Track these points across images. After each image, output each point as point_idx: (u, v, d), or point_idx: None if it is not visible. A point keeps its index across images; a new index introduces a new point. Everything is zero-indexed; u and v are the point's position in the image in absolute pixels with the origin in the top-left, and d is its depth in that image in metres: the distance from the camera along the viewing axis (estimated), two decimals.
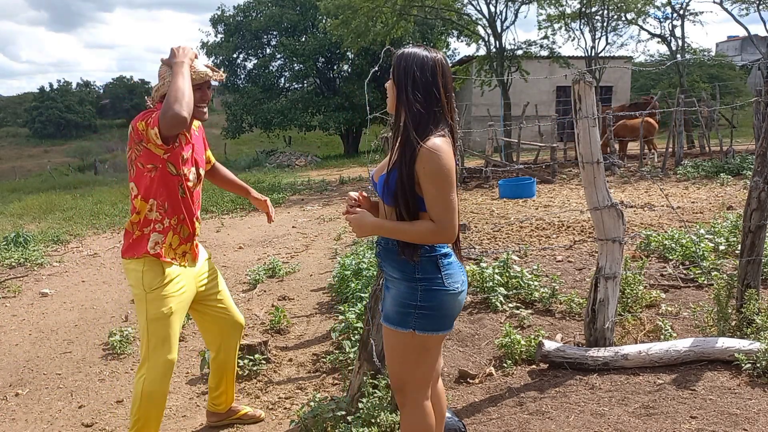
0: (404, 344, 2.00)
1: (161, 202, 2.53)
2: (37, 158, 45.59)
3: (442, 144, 1.86)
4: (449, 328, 2.03)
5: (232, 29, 30.25)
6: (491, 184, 12.41)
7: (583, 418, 2.78)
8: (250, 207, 11.17)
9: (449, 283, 1.96)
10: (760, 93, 10.24)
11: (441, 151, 1.84)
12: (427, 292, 1.94)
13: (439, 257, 1.96)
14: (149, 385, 2.54)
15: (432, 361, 2.06)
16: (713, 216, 7.07)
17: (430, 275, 1.95)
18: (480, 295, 4.52)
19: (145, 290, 2.53)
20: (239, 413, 3.05)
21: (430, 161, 1.83)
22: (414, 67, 1.88)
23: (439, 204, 1.85)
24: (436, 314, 1.96)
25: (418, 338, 1.97)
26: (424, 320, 1.95)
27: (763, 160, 3.34)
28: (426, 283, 1.94)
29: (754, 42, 21.21)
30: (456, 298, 1.98)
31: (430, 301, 1.95)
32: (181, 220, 2.60)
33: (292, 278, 5.86)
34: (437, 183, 1.84)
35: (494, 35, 18.77)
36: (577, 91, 3.24)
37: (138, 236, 2.56)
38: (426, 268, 1.94)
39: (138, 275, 2.54)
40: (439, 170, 1.83)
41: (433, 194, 1.85)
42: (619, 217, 3.28)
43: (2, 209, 12.45)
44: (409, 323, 1.96)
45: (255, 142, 33.98)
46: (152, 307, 2.53)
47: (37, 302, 5.51)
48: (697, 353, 3.21)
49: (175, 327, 2.59)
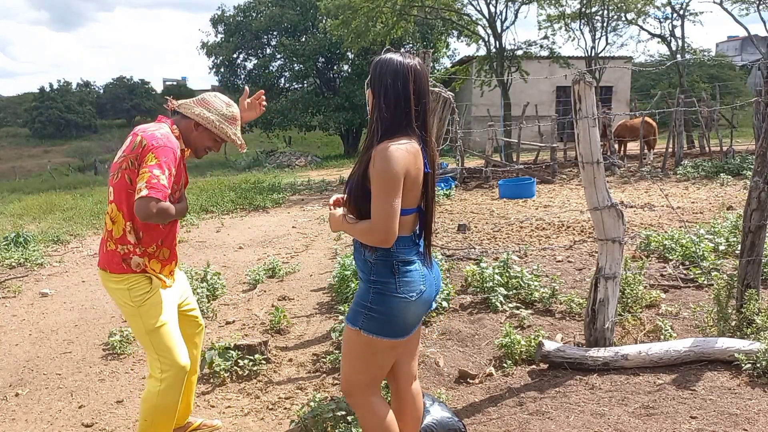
0: (353, 342, 2.04)
1: (138, 227, 2.42)
2: (37, 158, 45.58)
3: (394, 150, 1.87)
4: (400, 336, 2.01)
5: (232, 29, 30.25)
6: (491, 184, 12.41)
7: (583, 418, 2.78)
8: (250, 207, 11.18)
9: (403, 290, 1.96)
10: (760, 93, 10.26)
11: (390, 156, 1.85)
12: (378, 295, 1.96)
13: (396, 262, 1.96)
14: (163, 397, 2.47)
15: (381, 365, 2.07)
16: (713, 216, 7.07)
17: (384, 279, 1.96)
18: (480, 295, 4.52)
19: (135, 305, 2.45)
20: (194, 425, 2.94)
21: (378, 163, 1.86)
22: (386, 75, 1.92)
23: (377, 206, 1.87)
24: (385, 318, 1.97)
25: (364, 338, 1.99)
26: (372, 322, 1.97)
27: (763, 160, 3.34)
28: (379, 286, 1.96)
29: (754, 42, 21.22)
30: (409, 306, 1.97)
31: (379, 305, 1.96)
32: (159, 245, 2.51)
33: (292, 278, 5.86)
34: (378, 185, 1.86)
35: (494, 35, 18.78)
36: (577, 92, 3.24)
37: (112, 250, 2.44)
38: (381, 271, 1.97)
39: (123, 293, 2.45)
40: (384, 173, 1.85)
41: (374, 195, 1.88)
42: (619, 217, 3.28)
43: (2, 209, 12.45)
44: (358, 322, 1.99)
45: (255, 142, 33.98)
46: (147, 318, 2.46)
47: (37, 302, 5.51)
48: (697, 353, 3.21)
49: (176, 332, 2.55)
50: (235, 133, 2.57)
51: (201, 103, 2.53)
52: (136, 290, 2.45)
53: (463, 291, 4.78)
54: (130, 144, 2.39)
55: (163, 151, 2.33)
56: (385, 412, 2.13)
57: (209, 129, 2.51)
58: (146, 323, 2.46)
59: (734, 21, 19.89)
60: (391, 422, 2.13)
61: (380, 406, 2.12)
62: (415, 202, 2.00)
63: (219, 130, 2.51)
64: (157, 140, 2.35)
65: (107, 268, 2.46)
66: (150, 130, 2.42)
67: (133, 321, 2.49)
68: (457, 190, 11.87)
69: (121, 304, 2.49)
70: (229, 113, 2.56)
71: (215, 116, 2.51)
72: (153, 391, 2.48)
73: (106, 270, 2.47)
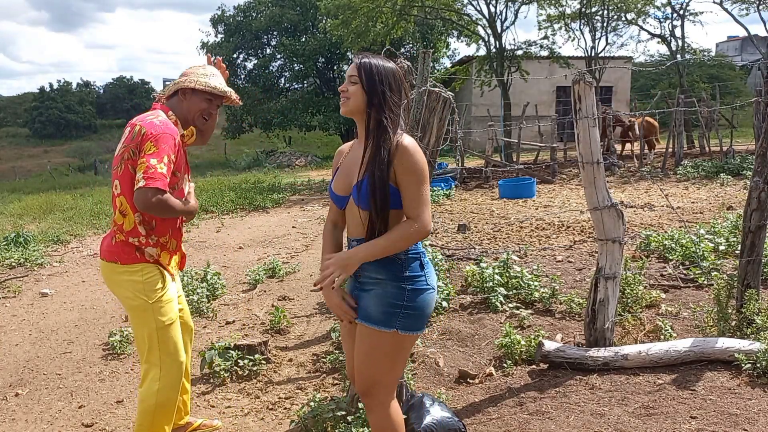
0: (384, 344, 2.01)
1: (147, 219, 2.40)
2: (37, 158, 45.58)
3: (413, 140, 1.95)
4: (425, 328, 2.10)
5: (232, 29, 30.27)
6: (491, 184, 12.41)
7: (583, 418, 2.78)
8: (250, 207, 11.18)
9: (431, 283, 2.02)
10: (760, 93, 10.27)
11: (417, 148, 1.93)
12: (413, 291, 1.98)
13: (421, 255, 2.01)
14: (164, 394, 2.44)
15: (405, 361, 2.11)
16: (713, 216, 7.07)
17: (416, 274, 1.99)
18: (480, 295, 4.52)
19: (148, 299, 2.40)
20: (195, 425, 2.91)
21: (410, 156, 1.90)
22: (388, 76, 1.97)
23: (420, 197, 1.91)
24: (420, 314, 1.99)
25: (398, 338, 2.00)
26: (408, 320, 1.98)
27: (763, 160, 3.34)
28: (412, 283, 1.98)
29: (754, 42, 21.22)
30: (434, 297, 2.04)
31: (415, 301, 1.98)
32: (170, 235, 2.51)
33: (292, 278, 5.86)
34: (416, 177, 1.91)
35: (494, 35, 18.77)
36: (577, 92, 3.24)
37: (122, 241, 2.41)
38: (413, 267, 1.99)
39: (136, 285, 2.40)
40: (420, 164, 1.92)
41: (412, 189, 1.91)
42: (619, 218, 3.28)
43: (2, 209, 12.45)
44: (394, 323, 1.97)
45: (255, 142, 33.99)
46: (160, 315, 2.43)
47: (37, 302, 5.51)
48: (697, 353, 3.21)
49: (178, 328, 2.54)
50: (220, 84, 2.52)
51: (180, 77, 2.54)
52: (151, 283, 2.42)
53: (463, 291, 4.78)
54: (130, 134, 2.37)
55: (163, 138, 2.30)
56: (401, 416, 2.13)
57: (193, 88, 2.47)
58: (158, 319, 2.42)
59: (734, 21, 19.90)
60: (403, 426, 2.14)
61: (397, 409, 2.12)
62: None
63: (202, 84, 2.47)
64: (156, 127, 2.33)
65: (118, 260, 2.41)
66: (148, 118, 2.40)
67: (142, 316, 2.43)
68: (457, 190, 11.87)
69: (131, 297, 2.42)
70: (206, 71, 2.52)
71: (194, 77, 2.49)
72: (152, 390, 2.45)
73: (116, 262, 2.41)
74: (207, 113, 2.52)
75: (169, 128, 2.37)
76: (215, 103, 2.55)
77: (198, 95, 2.49)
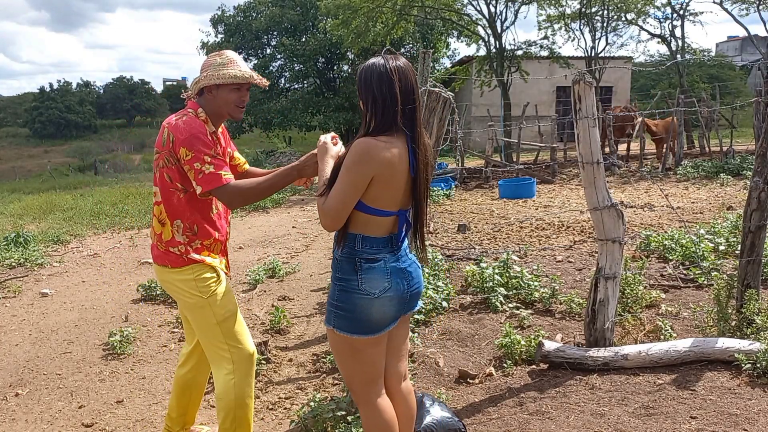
0: (334, 341, 2.07)
1: (189, 225, 2.38)
2: (37, 158, 45.61)
3: (371, 146, 1.89)
4: (371, 332, 2.00)
5: (232, 29, 30.25)
6: (491, 185, 12.41)
7: (583, 418, 2.78)
8: (250, 207, 11.16)
9: (365, 287, 1.96)
10: (760, 93, 10.27)
11: (361, 150, 1.89)
12: (342, 292, 1.99)
13: (359, 260, 1.97)
14: (240, 389, 2.42)
15: (370, 363, 2.06)
16: (713, 216, 7.07)
17: (347, 276, 1.98)
18: (480, 295, 4.52)
19: (203, 295, 2.39)
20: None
21: (350, 155, 1.91)
22: (370, 80, 1.94)
23: (334, 191, 1.92)
24: (351, 316, 1.98)
25: (341, 337, 2.02)
26: (341, 320, 2.00)
27: (763, 160, 3.34)
28: (343, 284, 1.99)
29: (754, 42, 21.21)
30: (372, 302, 1.96)
31: (344, 302, 1.98)
32: (215, 239, 2.46)
33: (292, 278, 5.86)
34: (342, 173, 1.91)
35: (494, 35, 18.78)
36: (577, 92, 3.24)
37: (164, 251, 2.40)
38: (345, 268, 1.99)
39: (190, 284, 2.39)
40: (350, 165, 1.90)
41: (337, 181, 1.92)
42: (619, 218, 3.28)
43: (2, 209, 12.45)
44: (331, 320, 2.03)
45: (255, 142, 34.00)
46: (219, 309, 2.41)
47: (37, 302, 5.51)
48: (697, 353, 3.21)
49: (241, 319, 2.52)
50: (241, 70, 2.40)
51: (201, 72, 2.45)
52: (203, 279, 2.39)
53: (463, 291, 4.78)
54: (160, 137, 2.36)
55: (190, 141, 2.27)
56: (387, 412, 2.12)
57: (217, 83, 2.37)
58: (217, 313, 2.40)
59: (734, 21, 19.90)
60: (391, 422, 2.12)
61: (382, 405, 2.11)
62: (395, 205, 1.98)
63: (223, 77, 2.36)
64: (181, 131, 2.29)
65: (168, 264, 2.40)
66: (174, 120, 2.37)
67: (200, 313, 2.41)
68: (457, 190, 11.87)
69: (187, 296, 2.40)
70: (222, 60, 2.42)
71: (212, 71, 2.39)
72: (228, 385, 2.42)
73: (166, 266, 2.40)
74: (239, 102, 2.44)
75: (193, 127, 2.31)
76: (243, 88, 2.45)
77: (224, 89, 2.40)
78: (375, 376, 2.10)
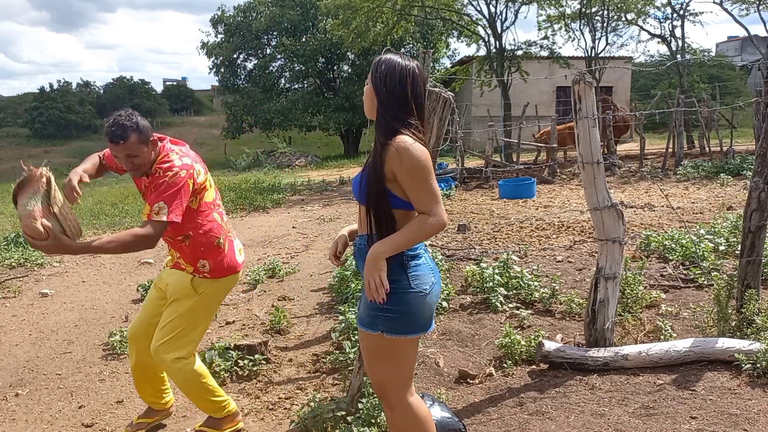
0: (376, 346, 2.01)
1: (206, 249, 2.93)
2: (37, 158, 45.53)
3: (409, 139, 1.89)
4: (422, 330, 2.01)
5: (232, 29, 30.27)
6: (491, 185, 12.42)
7: (583, 419, 2.78)
8: (250, 207, 11.17)
9: (416, 284, 1.95)
10: (760, 93, 10.25)
11: (411, 145, 1.87)
12: (392, 295, 1.92)
13: (405, 259, 1.95)
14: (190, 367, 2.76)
15: (409, 362, 2.06)
16: (713, 216, 7.06)
17: (396, 277, 1.93)
18: (480, 296, 4.52)
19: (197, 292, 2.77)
20: None
21: (407, 153, 1.86)
22: (388, 75, 1.93)
23: (427, 192, 1.88)
24: (403, 317, 1.95)
25: (387, 340, 1.97)
26: (392, 323, 1.95)
27: (763, 160, 3.34)
28: (393, 286, 1.92)
29: (754, 42, 21.23)
30: (424, 299, 1.97)
31: (396, 304, 1.93)
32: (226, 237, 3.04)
33: (292, 278, 5.86)
34: (417, 173, 1.87)
35: (494, 35, 18.78)
36: (577, 92, 3.24)
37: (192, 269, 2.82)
38: (392, 269, 1.92)
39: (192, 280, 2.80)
40: (418, 160, 1.86)
41: (416, 186, 1.88)
42: (619, 218, 3.28)
43: (2, 209, 12.45)
44: (378, 325, 1.96)
45: (255, 142, 33.95)
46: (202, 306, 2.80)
47: (37, 302, 5.51)
48: (697, 353, 3.21)
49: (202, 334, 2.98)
50: None
51: None
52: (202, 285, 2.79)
53: (463, 291, 4.78)
54: None
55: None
56: (422, 407, 2.10)
57: None
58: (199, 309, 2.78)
59: (734, 21, 19.90)
60: (428, 416, 2.11)
61: (418, 405, 2.09)
62: None
63: None
64: None
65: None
66: None
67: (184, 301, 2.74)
68: (457, 190, 11.88)
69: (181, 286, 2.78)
70: None
71: None
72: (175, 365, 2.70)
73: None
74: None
75: None
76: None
77: None
78: (411, 374, 2.09)
